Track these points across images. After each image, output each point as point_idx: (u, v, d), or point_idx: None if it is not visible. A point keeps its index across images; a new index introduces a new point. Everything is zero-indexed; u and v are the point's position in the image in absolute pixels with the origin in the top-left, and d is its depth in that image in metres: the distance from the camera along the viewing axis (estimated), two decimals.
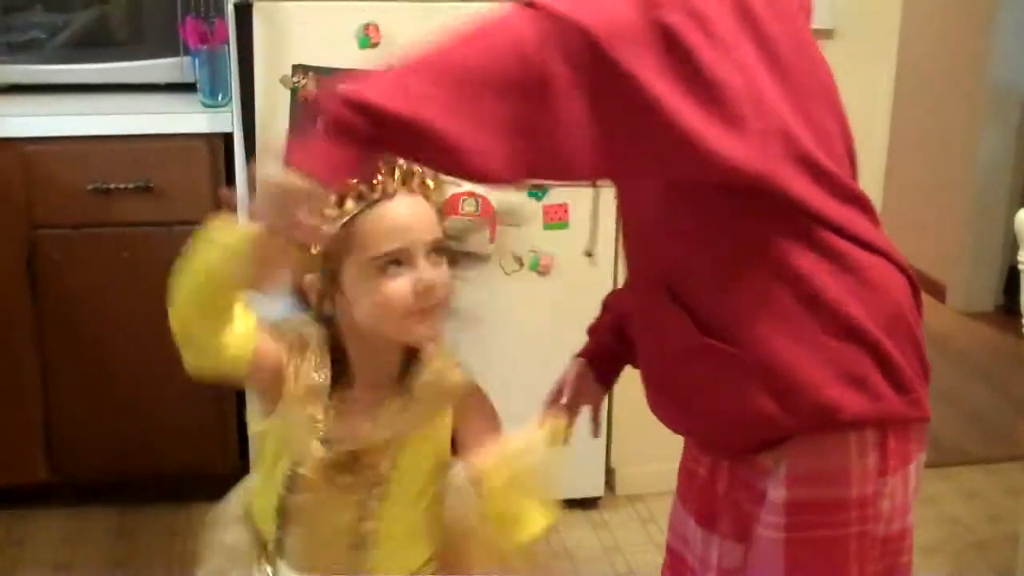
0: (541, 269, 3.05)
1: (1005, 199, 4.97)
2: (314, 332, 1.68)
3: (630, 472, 3.48)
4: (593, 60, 1.41)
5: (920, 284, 1.75)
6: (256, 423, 1.75)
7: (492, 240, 2.95)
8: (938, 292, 5.20)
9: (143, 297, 3.11)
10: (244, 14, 2.80)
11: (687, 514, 1.91)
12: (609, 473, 3.46)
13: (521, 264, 3.02)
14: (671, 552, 1.99)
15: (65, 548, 3.17)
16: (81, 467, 3.28)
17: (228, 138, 3.05)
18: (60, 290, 3.13)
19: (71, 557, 3.14)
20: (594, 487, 3.41)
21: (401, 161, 1.60)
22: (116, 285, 3.13)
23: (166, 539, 3.22)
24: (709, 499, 1.85)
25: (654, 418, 1.84)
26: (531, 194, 3.00)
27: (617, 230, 3.07)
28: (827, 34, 3.14)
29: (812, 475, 1.65)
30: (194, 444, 3.30)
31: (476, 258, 1.75)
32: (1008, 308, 5.04)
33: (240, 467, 3.27)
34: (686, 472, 1.93)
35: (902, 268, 1.71)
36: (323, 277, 1.65)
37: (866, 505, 1.64)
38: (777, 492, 1.66)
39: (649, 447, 2.58)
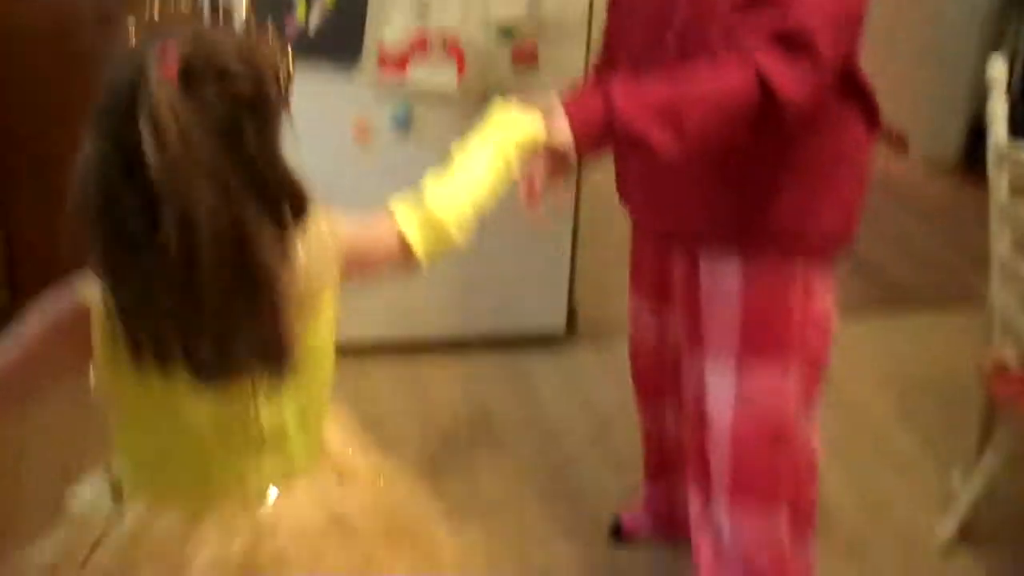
0: None
1: (972, 50, 4.99)
2: None
3: (591, 314, 3.56)
4: None
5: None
6: None
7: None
8: (902, 142, 5.26)
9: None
10: None
11: (638, 298, 2.29)
12: (571, 314, 3.53)
13: None
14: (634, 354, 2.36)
15: None
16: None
17: None
18: None
19: None
20: (556, 326, 3.50)
21: None
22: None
23: None
24: (663, 281, 2.18)
25: (617, 261, 1.96)
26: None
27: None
28: None
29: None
30: None
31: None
32: (970, 159, 5.12)
33: None
34: (639, 262, 2.27)
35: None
36: None
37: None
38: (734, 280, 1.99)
39: (611, 289, 2.65)
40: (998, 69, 2.48)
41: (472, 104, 2.90)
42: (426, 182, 1.62)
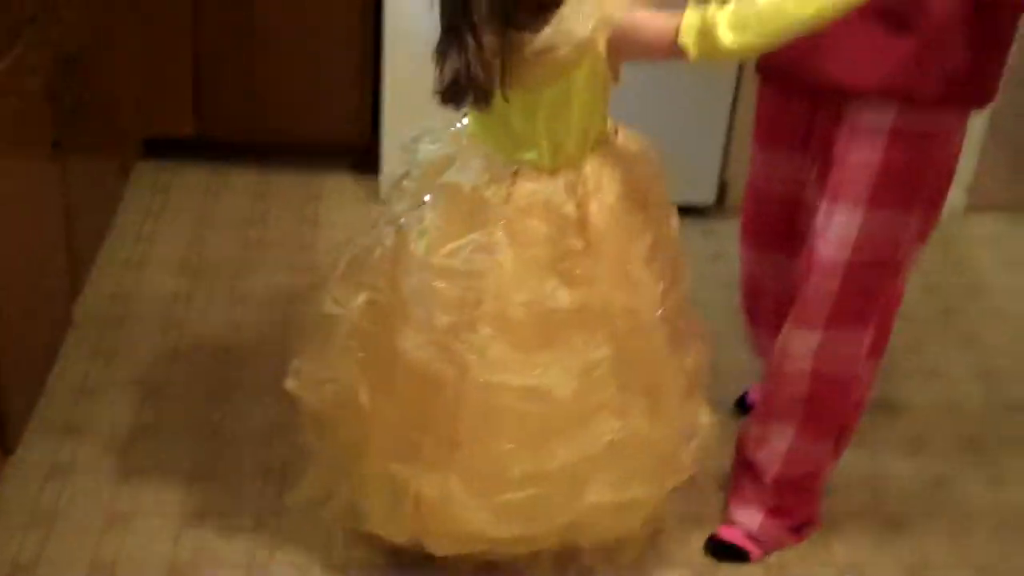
0: None
1: None
2: None
3: (742, 186, 3.55)
4: None
5: None
6: None
7: None
8: None
9: None
10: None
11: (760, 148, 2.34)
12: (722, 186, 3.55)
13: None
14: (750, 202, 2.44)
15: (207, 200, 3.42)
16: (225, 125, 3.48)
17: None
18: None
19: (212, 209, 3.38)
20: (705, 196, 3.53)
21: None
22: None
23: (299, 204, 3.44)
24: (799, 128, 2.23)
25: None
26: None
27: None
28: None
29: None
30: (333, 114, 3.47)
31: None
32: None
33: (373, 141, 3.45)
34: (767, 115, 2.31)
35: None
36: None
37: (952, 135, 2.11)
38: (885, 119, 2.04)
39: None
40: None
41: None
42: None
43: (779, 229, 2.39)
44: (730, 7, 1.79)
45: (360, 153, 3.50)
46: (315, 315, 2.18)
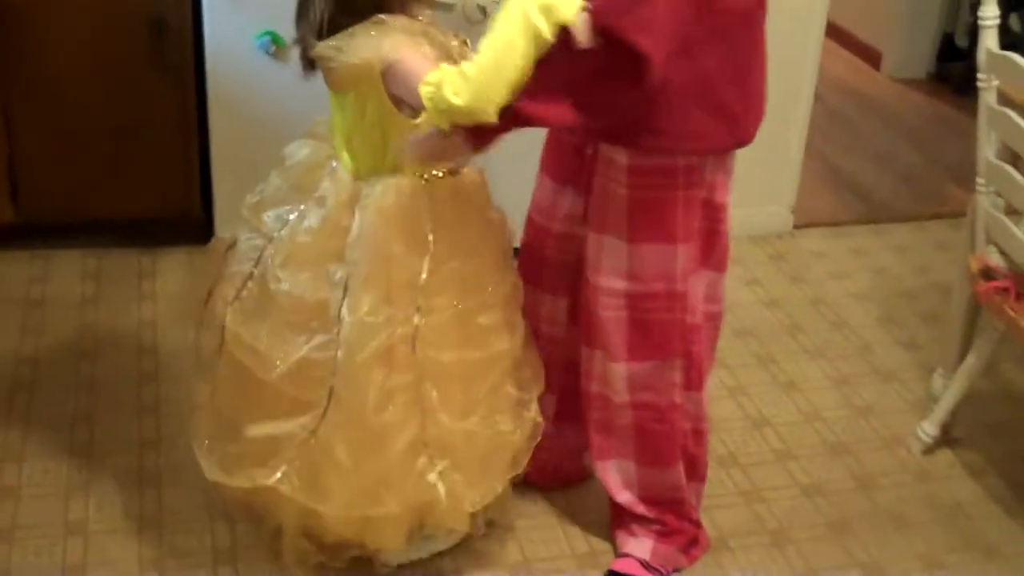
0: None
1: None
2: None
3: None
4: None
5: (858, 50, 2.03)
6: None
7: None
8: (873, 58, 5.32)
9: (108, 33, 3.15)
10: None
11: (548, 179, 2.33)
12: None
13: (485, 15, 3.05)
14: (529, 221, 2.40)
15: (34, 287, 3.25)
16: (47, 208, 3.33)
17: None
18: (19, 26, 3.10)
19: (41, 294, 3.22)
20: None
21: None
22: (78, 23, 3.12)
23: (132, 280, 3.31)
24: (573, 163, 2.25)
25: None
26: None
27: None
28: None
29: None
30: (160, 188, 3.35)
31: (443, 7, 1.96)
32: (939, 75, 5.19)
33: (204, 215, 3.35)
34: (552, 150, 2.33)
35: None
36: None
37: (692, 173, 2.12)
38: (622, 158, 2.11)
39: None
40: None
41: None
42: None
43: (556, 266, 2.37)
44: (460, 66, 1.85)
45: (193, 225, 3.40)
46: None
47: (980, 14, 2.53)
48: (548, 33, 1.79)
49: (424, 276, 2.05)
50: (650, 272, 2.18)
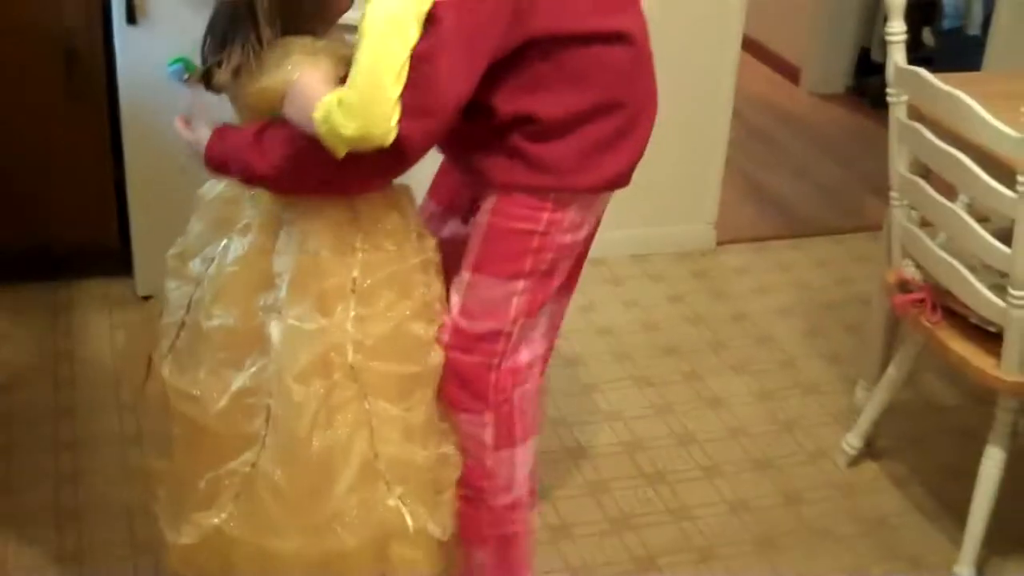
0: None
1: None
2: None
3: None
4: None
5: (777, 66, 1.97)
6: None
7: None
8: (793, 74, 5.38)
9: (19, 60, 3.09)
10: None
11: (433, 203, 2.27)
12: None
13: None
14: None
15: None
16: None
17: None
18: None
19: None
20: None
21: None
22: None
23: (48, 314, 3.25)
24: (457, 194, 2.22)
25: None
26: None
27: None
28: None
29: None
30: (76, 219, 3.29)
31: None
32: (858, 89, 5.26)
33: (121, 246, 3.30)
34: (442, 175, 2.28)
35: None
36: None
37: (556, 210, 2.01)
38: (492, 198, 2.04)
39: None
40: None
41: None
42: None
43: None
44: (339, 92, 1.76)
45: (111, 256, 3.34)
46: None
47: (887, 29, 2.57)
48: (419, 29, 1.74)
49: (356, 280, 1.97)
50: (483, 309, 2.07)
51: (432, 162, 2.11)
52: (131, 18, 2.99)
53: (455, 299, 2.06)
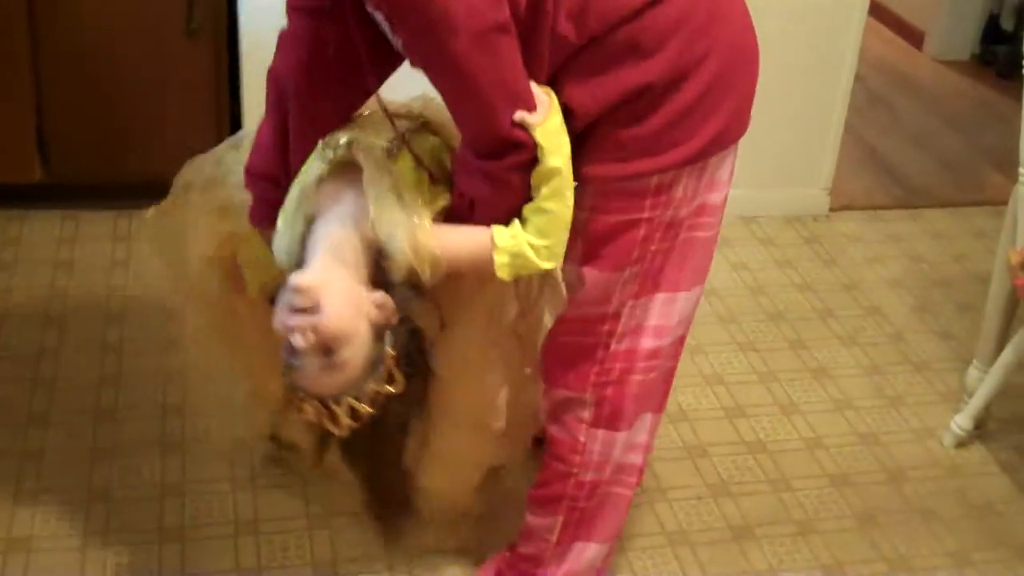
0: None
1: None
2: None
3: None
4: None
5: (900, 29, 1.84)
6: None
7: None
8: (916, 39, 5.23)
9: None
10: None
11: None
12: None
13: None
14: None
15: (63, 247, 3.24)
16: (76, 168, 3.30)
17: None
18: None
19: (69, 256, 3.20)
20: None
21: None
22: None
23: None
24: None
25: None
26: None
27: None
28: None
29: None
30: (192, 150, 3.31)
31: None
32: (983, 58, 5.10)
33: None
34: None
35: None
36: None
37: (660, 193, 1.91)
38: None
39: None
40: None
41: None
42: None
43: None
44: (529, 231, 1.82)
45: None
46: None
47: None
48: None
49: None
50: None
51: None
52: None
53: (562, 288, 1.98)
